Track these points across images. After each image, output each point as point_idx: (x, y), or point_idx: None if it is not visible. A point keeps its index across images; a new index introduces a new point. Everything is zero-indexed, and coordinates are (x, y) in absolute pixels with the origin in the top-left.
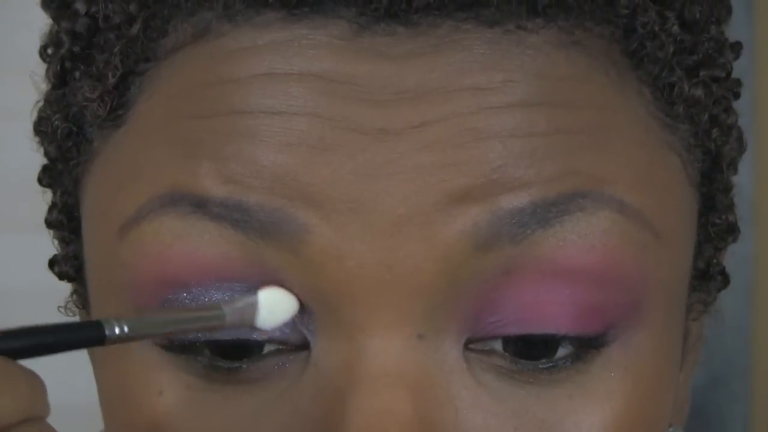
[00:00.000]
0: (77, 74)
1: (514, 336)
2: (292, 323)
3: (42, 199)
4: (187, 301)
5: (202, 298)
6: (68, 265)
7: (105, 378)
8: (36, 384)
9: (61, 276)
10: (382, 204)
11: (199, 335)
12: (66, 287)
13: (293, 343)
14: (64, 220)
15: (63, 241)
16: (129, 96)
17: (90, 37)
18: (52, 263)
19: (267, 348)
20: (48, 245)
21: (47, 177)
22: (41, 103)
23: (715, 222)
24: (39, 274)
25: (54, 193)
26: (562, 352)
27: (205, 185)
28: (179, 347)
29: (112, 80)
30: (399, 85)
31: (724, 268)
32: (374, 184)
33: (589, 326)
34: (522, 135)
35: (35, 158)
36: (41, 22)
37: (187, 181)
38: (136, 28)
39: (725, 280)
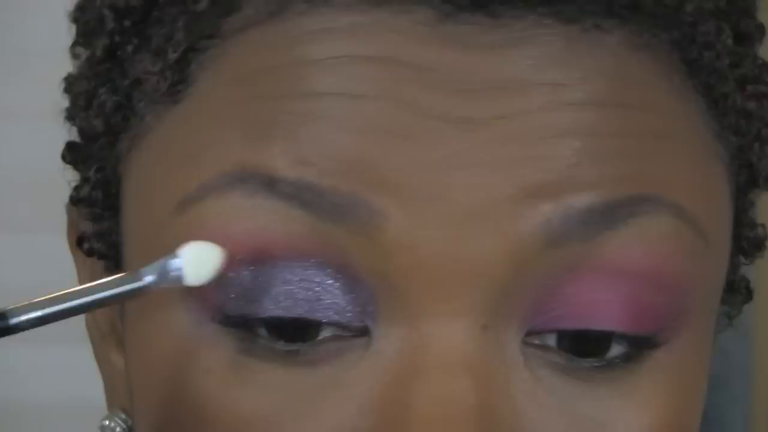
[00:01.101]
0: (130, 48)
1: (571, 330)
2: (352, 307)
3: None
4: (248, 278)
5: (266, 276)
6: (100, 241)
7: (138, 355)
8: None
9: (90, 252)
10: (459, 194)
11: (258, 311)
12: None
13: (351, 328)
14: (100, 196)
15: (93, 218)
16: (189, 72)
17: (146, 11)
18: (81, 240)
19: (323, 333)
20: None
21: (76, 153)
22: (76, 79)
23: (747, 235)
24: (39, 274)
25: (85, 169)
26: (614, 351)
27: (277, 165)
28: (234, 323)
29: (173, 56)
30: (482, 76)
31: (749, 282)
32: (452, 174)
33: (644, 326)
34: (598, 134)
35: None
36: (41, 22)
37: (258, 160)
38: (203, 4)
39: (749, 294)
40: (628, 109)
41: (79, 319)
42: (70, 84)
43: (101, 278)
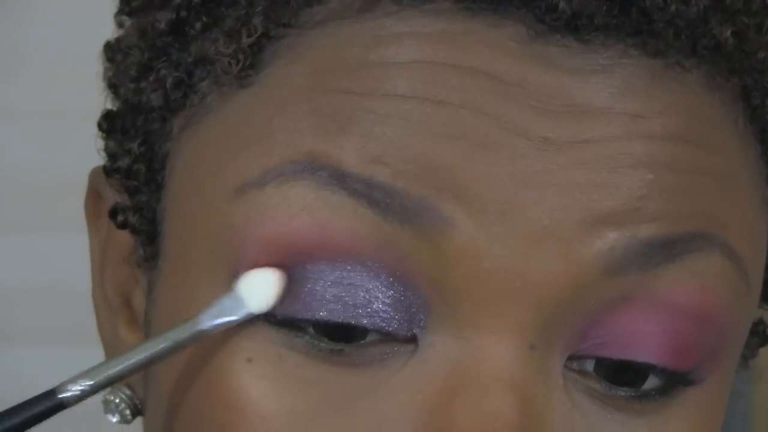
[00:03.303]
0: (198, 25)
1: (615, 359)
2: (400, 316)
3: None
4: (310, 274)
5: (318, 274)
6: (136, 215)
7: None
8: None
9: (123, 226)
10: (530, 212)
11: (305, 313)
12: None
13: (399, 335)
14: (143, 170)
15: (130, 191)
16: (261, 58)
17: None
18: (114, 212)
19: (370, 337)
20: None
21: (116, 123)
22: (125, 48)
23: None
24: (39, 274)
25: (127, 141)
26: (650, 383)
27: (349, 160)
28: (280, 321)
29: (247, 40)
30: (567, 99)
31: (766, 326)
32: (527, 191)
33: (684, 362)
34: (669, 169)
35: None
36: (41, 22)
37: (330, 152)
38: None
39: (765, 338)
40: (699, 148)
41: (80, 320)
42: (113, 51)
43: (113, 247)
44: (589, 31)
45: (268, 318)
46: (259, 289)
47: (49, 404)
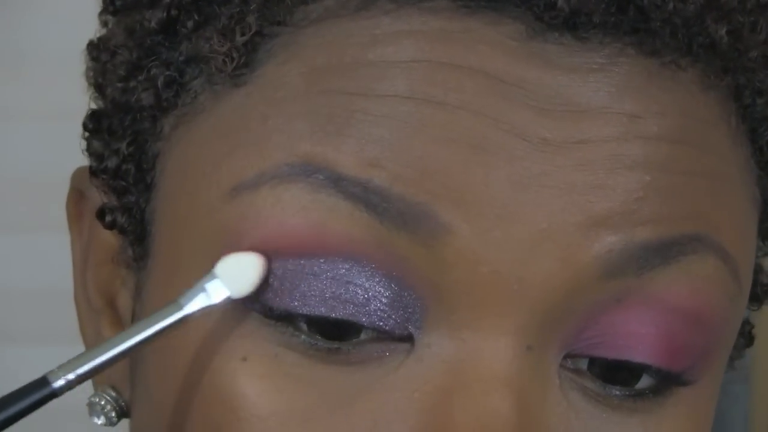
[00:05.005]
0: (190, 24)
1: (609, 359)
2: (396, 315)
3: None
4: (308, 271)
5: (314, 272)
6: (123, 216)
7: (163, 336)
8: None
9: (111, 226)
10: (527, 215)
11: (302, 307)
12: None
13: (395, 333)
14: (132, 170)
15: (118, 191)
16: (255, 57)
17: None
18: (102, 212)
19: (364, 334)
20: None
21: (103, 123)
22: (113, 48)
23: (763, 282)
24: (39, 274)
25: (114, 141)
26: (643, 382)
27: (346, 163)
28: (277, 315)
29: (241, 38)
30: (566, 98)
31: (752, 326)
32: (524, 194)
33: (678, 363)
34: (666, 170)
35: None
36: (41, 22)
37: (327, 155)
38: None
39: (751, 339)
40: (694, 148)
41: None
42: (98, 51)
43: (96, 248)
44: (587, 29)
45: (265, 313)
46: (240, 273)
47: (44, 393)
